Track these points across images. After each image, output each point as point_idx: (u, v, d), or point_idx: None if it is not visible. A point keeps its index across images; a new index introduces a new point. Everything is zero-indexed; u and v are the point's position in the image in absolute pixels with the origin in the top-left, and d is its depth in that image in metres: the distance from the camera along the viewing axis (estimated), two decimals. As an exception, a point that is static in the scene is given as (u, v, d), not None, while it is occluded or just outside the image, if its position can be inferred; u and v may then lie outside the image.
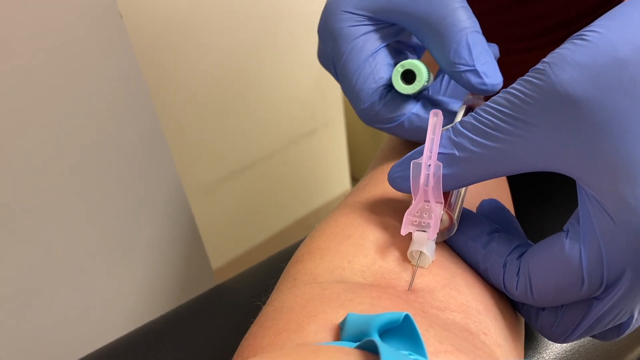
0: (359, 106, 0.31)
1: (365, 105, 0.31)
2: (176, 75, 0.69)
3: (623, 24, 0.21)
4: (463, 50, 0.28)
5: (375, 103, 0.30)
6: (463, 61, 0.28)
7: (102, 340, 0.43)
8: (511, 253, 0.25)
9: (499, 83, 0.29)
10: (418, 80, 0.30)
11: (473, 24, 0.28)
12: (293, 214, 0.93)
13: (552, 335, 0.26)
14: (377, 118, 0.31)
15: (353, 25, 0.31)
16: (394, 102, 0.30)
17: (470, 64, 0.28)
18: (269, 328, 0.22)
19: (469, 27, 0.28)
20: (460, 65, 0.28)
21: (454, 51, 0.28)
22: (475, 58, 0.28)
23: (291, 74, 0.81)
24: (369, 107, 0.31)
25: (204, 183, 0.78)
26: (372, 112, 0.31)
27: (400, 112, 0.30)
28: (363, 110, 0.31)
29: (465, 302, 0.25)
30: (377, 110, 0.30)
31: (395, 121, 0.31)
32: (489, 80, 0.28)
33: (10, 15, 0.37)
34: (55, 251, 0.47)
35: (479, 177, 0.24)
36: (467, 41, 0.28)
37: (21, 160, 0.42)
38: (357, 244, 0.26)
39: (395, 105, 0.30)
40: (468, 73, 0.28)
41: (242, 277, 0.46)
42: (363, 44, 0.31)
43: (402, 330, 0.20)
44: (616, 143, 0.20)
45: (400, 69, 0.30)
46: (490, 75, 0.28)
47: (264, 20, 0.74)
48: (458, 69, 0.28)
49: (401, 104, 0.30)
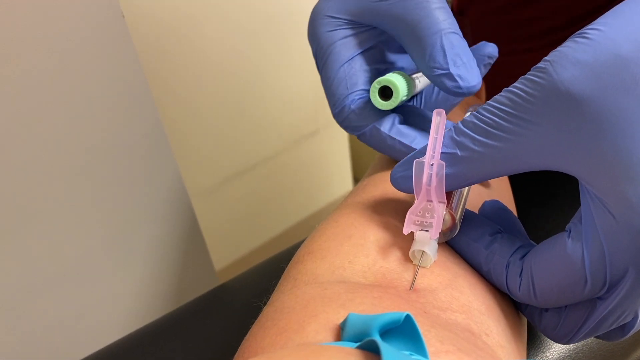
0: (332, 110, 0.32)
1: (336, 110, 0.31)
2: (178, 77, 0.69)
3: (625, 21, 0.21)
4: (438, 53, 0.28)
5: (344, 109, 0.31)
6: (438, 65, 0.28)
7: (105, 341, 0.43)
8: (514, 254, 0.25)
9: (474, 85, 0.28)
10: (395, 97, 0.29)
11: (450, 25, 0.28)
12: (295, 216, 0.93)
13: (556, 336, 0.25)
14: (345, 124, 0.31)
15: (332, 29, 0.31)
16: (363, 111, 0.31)
17: (445, 67, 0.28)
18: (270, 328, 0.22)
19: (444, 28, 0.28)
20: (435, 69, 0.28)
21: (429, 55, 0.28)
22: (450, 61, 0.27)
23: (292, 75, 0.81)
24: (339, 112, 0.31)
25: (206, 185, 0.78)
26: (340, 117, 0.31)
27: (364, 122, 0.31)
28: (334, 115, 0.31)
29: (467, 303, 0.24)
30: (345, 117, 0.31)
31: (359, 130, 0.31)
32: (463, 83, 0.28)
33: (10, 15, 0.37)
34: (57, 252, 0.47)
35: (481, 176, 0.24)
36: (441, 44, 0.28)
37: (23, 162, 0.42)
38: (358, 244, 0.26)
39: (363, 115, 0.31)
40: (443, 77, 0.28)
41: (243, 277, 0.46)
42: (340, 49, 0.31)
43: (404, 330, 0.20)
44: (618, 141, 0.20)
45: (377, 85, 0.30)
46: (465, 78, 0.28)
47: (266, 22, 0.75)
48: (434, 73, 0.28)
49: (369, 113, 0.31)
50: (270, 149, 0.83)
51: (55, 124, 0.43)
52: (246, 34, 0.73)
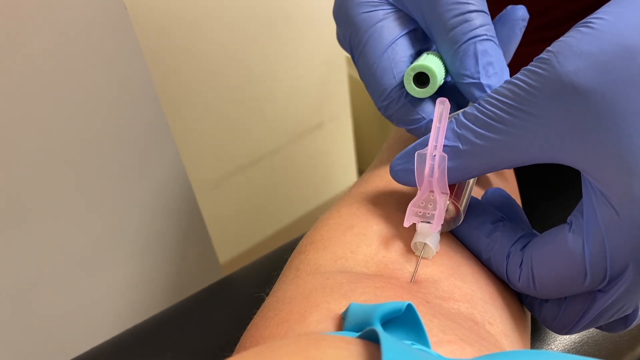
0: (377, 102, 0.29)
1: (384, 103, 0.29)
2: (182, 70, 0.69)
3: (630, 10, 0.20)
4: (470, 61, 0.26)
5: (393, 102, 0.28)
6: (468, 73, 0.26)
7: (111, 332, 0.43)
8: (515, 243, 0.25)
9: None
10: (432, 83, 0.27)
11: (486, 31, 0.26)
12: (300, 208, 0.93)
13: (555, 326, 0.25)
14: (396, 117, 0.29)
15: (370, 10, 0.28)
16: (414, 102, 0.28)
17: (476, 77, 0.26)
18: (271, 318, 0.22)
19: (480, 35, 0.26)
20: (465, 77, 0.27)
21: (460, 61, 0.26)
22: (482, 70, 0.26)
23: (297, 68, 0.80)
24: (387, 105, 0.29)
25: (210, 178, 0.78)
26: (389, 110, 0.29)
27: (418, 114, 0.28)
28: (380, 107, 0.29)
29: (470, 292, 0.24)
30: (396, 109, 0.29)
31: (414, 124, 0.29)
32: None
33: (11, 8, 0.37)
34: (61, 245, 0.48)
35: (482, 169, 0.24)
36: (474, 51, 0.26)
37: (26, 155, 0.42)
38: (361, 234, 0.26)
39: (414, 106, 0.28)
40: (472, 86, 0.26)
41: (247, 269, 0.46)
42: (381, 31, 0.28)
43: (406, 320, 0.20)
44: (622, 134, 0.20)
45: (411, 73, 0.27)
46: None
47: (270, 14, 0.74)
48: (463, 80, 0.27)
49: (420, 104, 0.28)
50: (275, 142, 0.83)
51: (56, 117, 0.43)
52: (252, 25, 0.73)
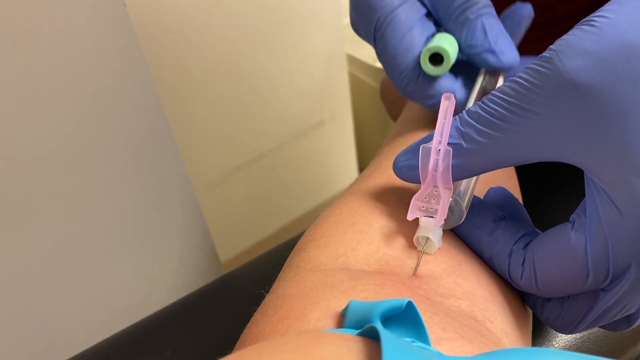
0: (396, 81, 0.32)
1: (405, 81, 0.31)
2: (182, 67, 0.69)
3: (633, 8, 0.20)
4: (479, 33, 0.30)
5: (412, 81, 0.31)
6: (479, 43, 0.30)
7: (112, 329, 0.43)
8: (517, 242, 0.25)
9: (515, 60, 0.30)
10: (446, 62, 0.30)
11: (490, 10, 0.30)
12: (301, 206, 0.93)
13: (558, 326, 0.25)
14: (414, 95, 0.32)
15: None
16: (430, 79, 0.31)
17: (487, 46, 0.30)
18: (271, 316, 0.22)
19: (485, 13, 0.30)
20: (476, 47, 0.30)
21: (470, 35, 0.30)
22: (491, 39, 0.30)
23: (297, 66, 0.80)
24: (408, 83, 0.31)
25: (211, 176, 0.78)
26: (410, 88, 0.32)
27: (435, 90, 0.31)
28: (401, 85, 0.32)
29: (471, 290, 0.24)
30: (414, 88, 0.32)
31: (430, 100, 0.32)
32: (505, 57, 0.30)
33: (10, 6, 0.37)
34: (64, 245, 0.48)
35: (485, 167, 0.24)
36: (482, 25, 0.30)
37: (25, 155, 0.42)
38: (362, 231, 0.26)
39: (431, 83, 0.31)
40: (485, 53, 0.30)
41: (247, 266, 0.46)
42: (401, 16, 0.31)
43: (406, 317, 0.20)
44: (625, 133, 0.20)
45: (427, 53, 0.30)
46: (506, 53, 0.30)
47: (270, 13, 0.74)
48: (475, 51, 0.30)
49: (436, 81, 0.31)
50: (276, 140, 0.83)
51: (57, 117, 0.42)
52: (251, 24, 0.72)
